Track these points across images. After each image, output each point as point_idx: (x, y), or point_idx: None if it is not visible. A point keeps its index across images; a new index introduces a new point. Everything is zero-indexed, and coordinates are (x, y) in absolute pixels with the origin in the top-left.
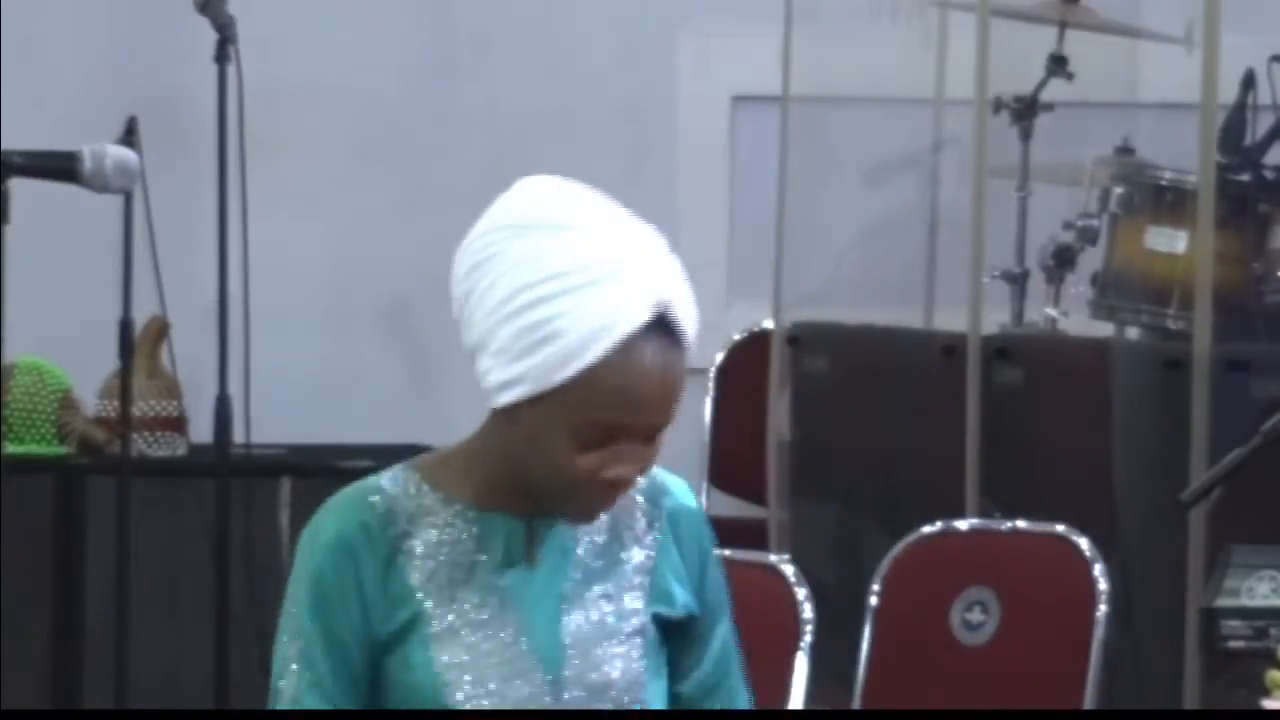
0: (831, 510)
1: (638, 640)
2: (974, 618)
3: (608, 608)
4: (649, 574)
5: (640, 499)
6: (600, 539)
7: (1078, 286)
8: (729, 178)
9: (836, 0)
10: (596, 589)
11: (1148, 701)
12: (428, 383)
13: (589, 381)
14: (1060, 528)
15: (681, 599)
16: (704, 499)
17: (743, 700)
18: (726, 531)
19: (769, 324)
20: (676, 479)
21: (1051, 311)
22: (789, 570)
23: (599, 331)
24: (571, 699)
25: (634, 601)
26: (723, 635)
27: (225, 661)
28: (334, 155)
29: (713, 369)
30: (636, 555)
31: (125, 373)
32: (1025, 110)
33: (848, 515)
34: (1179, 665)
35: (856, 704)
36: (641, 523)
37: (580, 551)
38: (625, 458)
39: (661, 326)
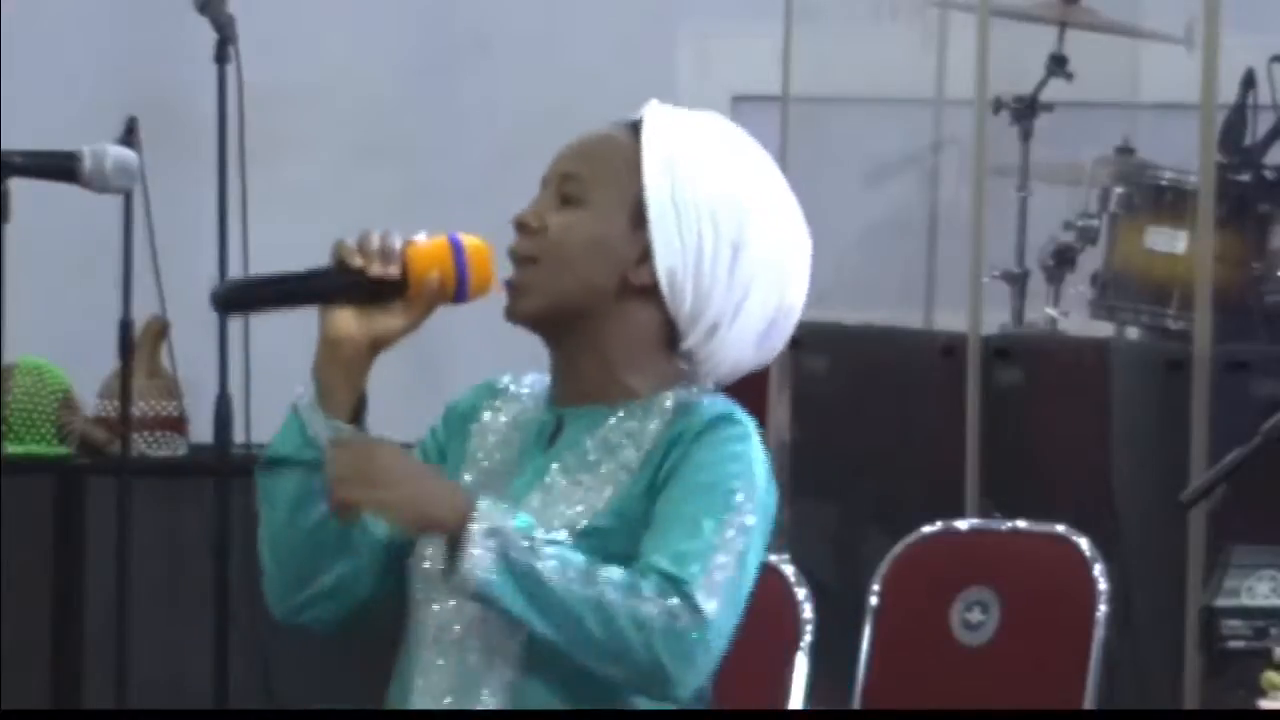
0: (831, 510)
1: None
2: (974, 618)
3: (566, 500)
4: (626, 477)
5: (670, 411)
6: (613, 438)
7: (1078, 286)
8: None
9: (836, 0)
10: (576, 477)
11: (1148, 701)
12: (428, 382)
13: None
14: (1060, 528)
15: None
16: None
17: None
18: None
19: None
20: (720, 404)
21: (1051, 311)
22: (789, 570)
23: None
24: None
25: (588, 501)
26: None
27: (225, 661)
28: (334, 155)
29: None
30: (628, 457)
31: (125, 373)
32: (1025, 110)
33: (848, 515)
34: (1179, 665)
35: (856, 704)
36: (653, 429)
37: (589, 443)
38: (527, 207)
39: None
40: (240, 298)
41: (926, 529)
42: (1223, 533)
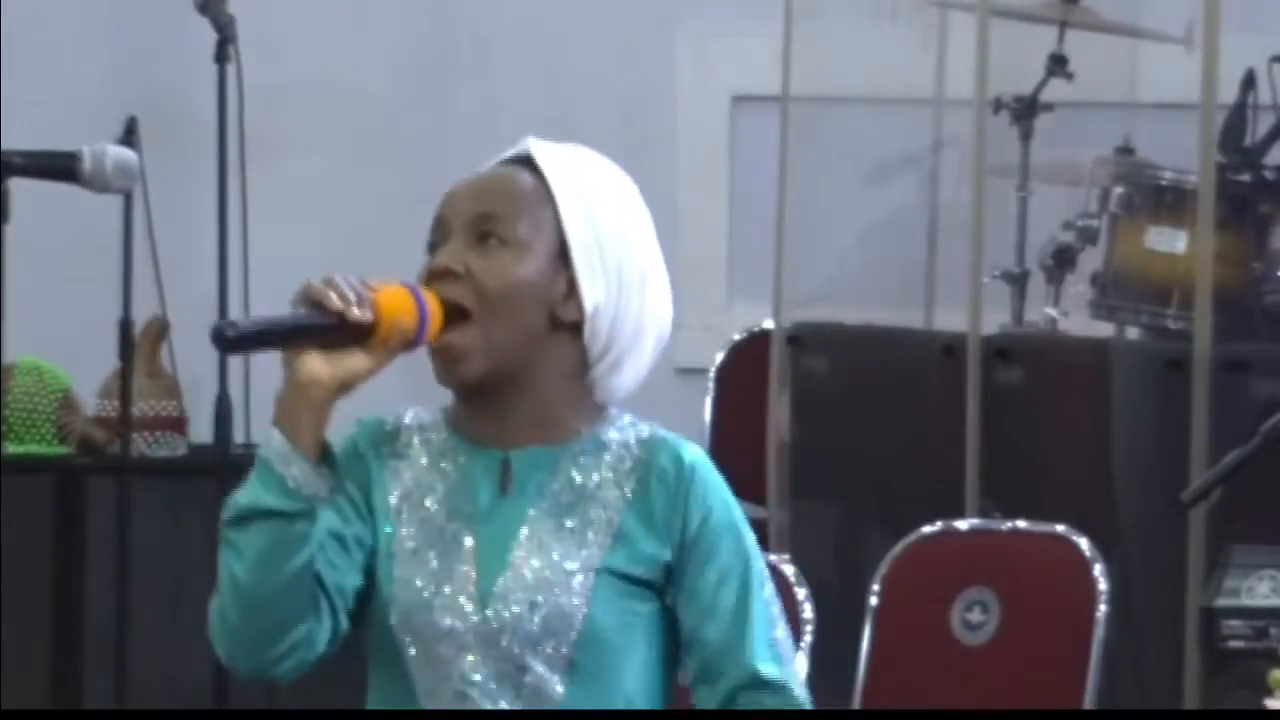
0: (831, 510)
1: (580, 579)
2: (974, 618)
3: (560, 544)
4: (617, 516)
5: (634, 447)
6: (579, 478)
7: (1078, 286)
8: (729, 178)
9: (836, 0)
10: (560, 520)
11: (1148, 701)
12: (427, 382)
13: None
14: (1060, 528)
15: (649, 550)
16: None
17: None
18: None
19: (769, 324)
20: (681, 442)
21: (1051, 311)
22: (789, 570)
23: None
24: (495, 615)
25: (593, 543)
26: (730, 597)
27: None
28: (333, 155)
29: (713, 369)
30: (610, 497)
31: (125, 373)
32: (1025, 110)
33: (848, 515)
34: (1179, 665)
35: (856, 704)
36: (626, 467)
37: (555, 486)
38: (442, 253)
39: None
40: (241, 342)
41: (926, 529)
42: (1223, 533)
